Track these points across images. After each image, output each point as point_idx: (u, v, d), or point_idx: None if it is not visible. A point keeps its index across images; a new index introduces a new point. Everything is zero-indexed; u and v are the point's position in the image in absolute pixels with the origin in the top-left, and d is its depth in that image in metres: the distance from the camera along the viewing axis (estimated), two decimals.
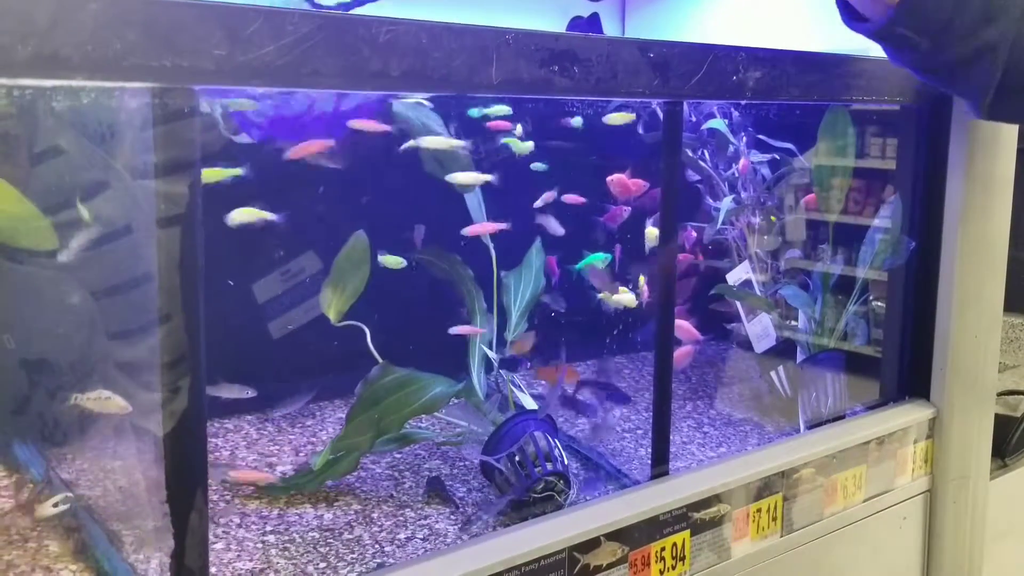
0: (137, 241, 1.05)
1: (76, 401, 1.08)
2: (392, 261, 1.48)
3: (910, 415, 1.59)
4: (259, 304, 1.56)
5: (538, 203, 1.63)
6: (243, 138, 1.43)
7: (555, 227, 1.64)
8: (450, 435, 1.59)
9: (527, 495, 1.32)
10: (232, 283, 1.48)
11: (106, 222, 1.10)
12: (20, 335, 1.25)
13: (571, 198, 1.62)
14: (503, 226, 1.56)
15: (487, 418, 1.53)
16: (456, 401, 1.52)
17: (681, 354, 1.71)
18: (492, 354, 1.59)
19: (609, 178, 1.63)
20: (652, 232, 1.55)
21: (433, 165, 1.51)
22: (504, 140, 1.58)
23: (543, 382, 1.79)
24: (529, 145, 1.58)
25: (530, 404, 1.57)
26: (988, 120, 1.27)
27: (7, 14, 0.70)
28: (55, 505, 1.17)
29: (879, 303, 1.92)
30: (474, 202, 1.59)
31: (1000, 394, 1.79)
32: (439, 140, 1.48)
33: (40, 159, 1.14)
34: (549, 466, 1.34)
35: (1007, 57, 1.03)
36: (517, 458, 1.36)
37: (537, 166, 1.65)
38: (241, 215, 1.27)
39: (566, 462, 1.38)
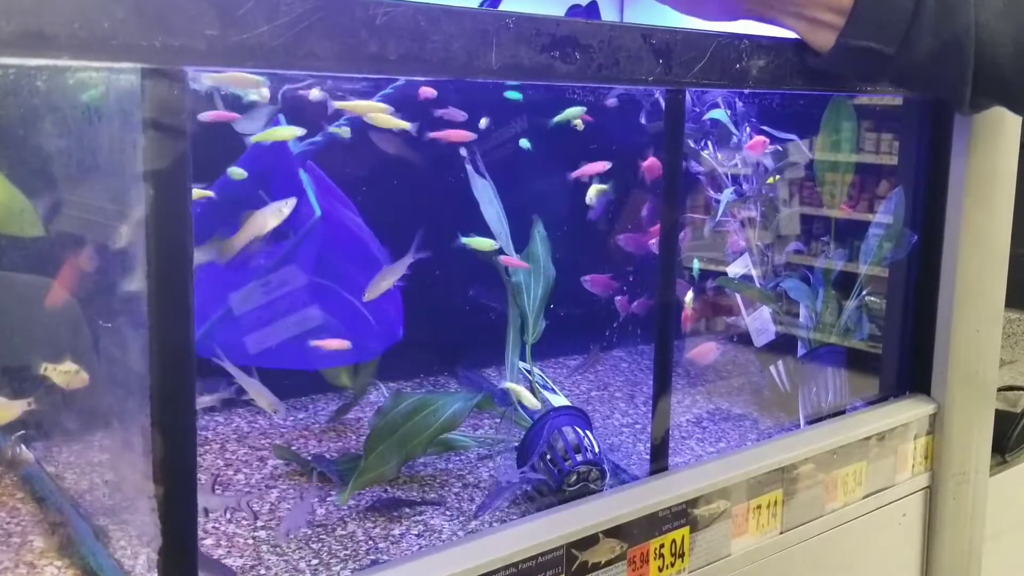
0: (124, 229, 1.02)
1: (45, 371, 1.06)
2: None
3: (911, 410, 1.58)
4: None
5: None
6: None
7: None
8: (489, 440, 1.58)
9: (562, 489, 1.32)
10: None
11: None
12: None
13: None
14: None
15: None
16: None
17: (704, 350, 1.71)
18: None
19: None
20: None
21: None
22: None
23: None
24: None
25: (559, 401, 1.57)
26: (971, 115, 1.25)
27: None
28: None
29: (872, 298, 1.90)
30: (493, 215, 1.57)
31: (1000, 390, 1.78)
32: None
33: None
34: (579, 457, 1.34)
35: (975, 50, 1.01)
36: (548, 456, 1.37)
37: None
38: None
39: (597, 451, 1.38)
